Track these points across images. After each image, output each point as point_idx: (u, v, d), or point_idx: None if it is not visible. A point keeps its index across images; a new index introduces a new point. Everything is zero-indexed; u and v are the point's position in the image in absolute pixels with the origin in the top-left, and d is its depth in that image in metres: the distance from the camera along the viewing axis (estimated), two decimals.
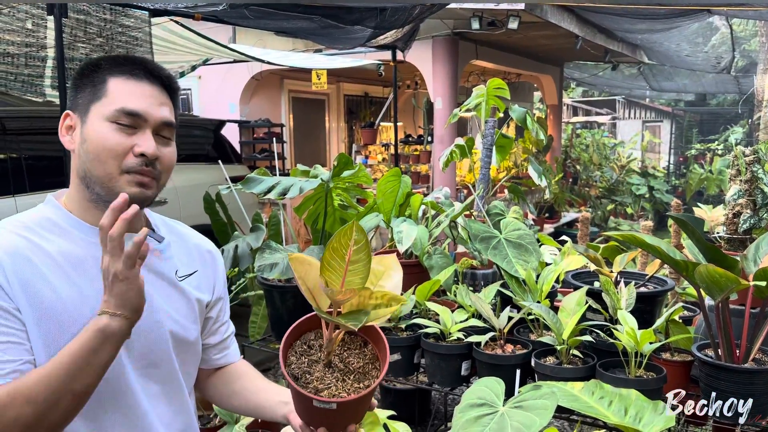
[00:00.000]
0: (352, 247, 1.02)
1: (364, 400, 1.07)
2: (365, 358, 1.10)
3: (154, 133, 1.11)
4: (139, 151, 1.07)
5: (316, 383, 1.05)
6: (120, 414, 1.10)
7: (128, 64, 1.12)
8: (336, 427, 1.09)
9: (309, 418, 1.09)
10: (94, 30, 3.71)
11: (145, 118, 1.09)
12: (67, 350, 0.98)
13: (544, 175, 3.06)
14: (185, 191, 4.87)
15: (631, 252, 2.19)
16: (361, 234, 1.02)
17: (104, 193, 1.08)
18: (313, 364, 1.07)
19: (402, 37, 5.36)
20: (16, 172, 4.12)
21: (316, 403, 1.03)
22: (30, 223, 1.10)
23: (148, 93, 1.11)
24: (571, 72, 11.51)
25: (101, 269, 0.99)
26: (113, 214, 0.98)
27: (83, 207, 1.13)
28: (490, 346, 1.96)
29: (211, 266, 1.30)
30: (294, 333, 1.12)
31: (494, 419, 1.36)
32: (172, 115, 1.15)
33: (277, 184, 2.25)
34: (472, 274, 2.58)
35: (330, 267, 1.02)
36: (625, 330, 1.70)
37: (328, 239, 2.67)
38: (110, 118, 1.07)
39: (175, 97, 1.18)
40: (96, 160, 1.07)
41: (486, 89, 2.93)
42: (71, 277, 1.07)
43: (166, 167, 1.13)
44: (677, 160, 15.25)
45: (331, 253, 1.02)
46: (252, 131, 8.45)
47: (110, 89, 1.09)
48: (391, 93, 9.35)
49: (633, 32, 7.25)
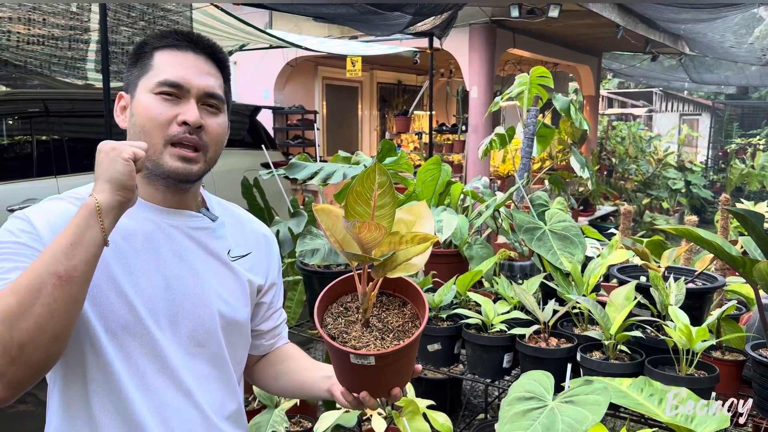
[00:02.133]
0: (377, 190, 0.96)
1: (404, 357, 1.02)
2: (404, 317, 1.05)
3: (200, 104, 1.09)
4: (181, 120, 1.06)
5: (354, 342, 1.01)
6: (160, 393, 1.08)
7: (172, 36, 1.11)
8: (378, 390, 1.05)
9: (349, 381, 1.06)
10: (137, 14, 3.74)
11: (187, 87, 1.08)
12: (55, 238, 0.94)
13: (587, 166, 2.99)
14: (221, 176, 4.89)
15: (681, 247, 2.13)
16: (384, 176, 0.96)
17: (152, 166, 1.08)
18: (350, 324, 1.04)
19: (440, 24, 5.31)
20: (58, 154, 4.20)
21: (354, 359, 0.98)
22: (86, 197, 1.09)
23: (191, 63, 1.10)
24: (608, 63, 11.27)
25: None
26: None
27: (136, 181, 1.12)
28: (533, 339, 1.92)
29: (266, 250, 1.28)
30: (330, 294, 1.08)
31: (544, 413, 1.33)
32: (217, 85, 1.12)
33: (320, 170, 2.23)
34: (509, 266, 2.54)
35: (355, 212, 0.97)
36: (677, 327, 1.65)
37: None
38: (154, 89, 1.07)
39: (223, 69, 1.16)
40: (142, 132, 1.07)
41: (529, 78, 2.87)
42: (120, 248, 1.07)
43: (213, 138, 1.11)
44: (716, 155, 14.86)
45: (355, 197, 0.96)
46: (286, 118, 8.48)
47: (155, 62, 1.09)
48: (425, 81, 9.29)
49: (676, 22, 7.06)
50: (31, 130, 4.13)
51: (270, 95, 8.50)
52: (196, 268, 1.13)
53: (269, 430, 2.09)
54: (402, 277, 1.07)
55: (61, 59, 4.11)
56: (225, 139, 1.17)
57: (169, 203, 1.13)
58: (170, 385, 1.09)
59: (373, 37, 7.09)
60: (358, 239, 0.96)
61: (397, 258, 0.98)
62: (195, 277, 1.13)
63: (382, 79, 10.50)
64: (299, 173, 2.25)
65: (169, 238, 1.12)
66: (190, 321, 1.11)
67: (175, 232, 1.13)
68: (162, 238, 1.11)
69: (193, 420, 1.11)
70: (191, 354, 1.12)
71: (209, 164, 1.13)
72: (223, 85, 1.15)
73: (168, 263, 1.10)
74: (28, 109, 4.15)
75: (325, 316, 1.06)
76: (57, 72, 4.37)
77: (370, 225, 0.94)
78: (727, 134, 15.45)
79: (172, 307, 1.10)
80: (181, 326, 1.11)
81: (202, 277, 1.13)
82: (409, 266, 1.01)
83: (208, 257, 1.15)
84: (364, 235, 0.95)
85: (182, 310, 1.10)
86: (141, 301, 1.07)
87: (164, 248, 1.11)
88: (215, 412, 1.15)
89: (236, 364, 1.22)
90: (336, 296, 1.09)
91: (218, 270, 1.16)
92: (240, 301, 1.19)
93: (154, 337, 1.08)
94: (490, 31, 7.25)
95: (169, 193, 1.13)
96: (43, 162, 4.11)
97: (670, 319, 1.75)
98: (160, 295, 1.09)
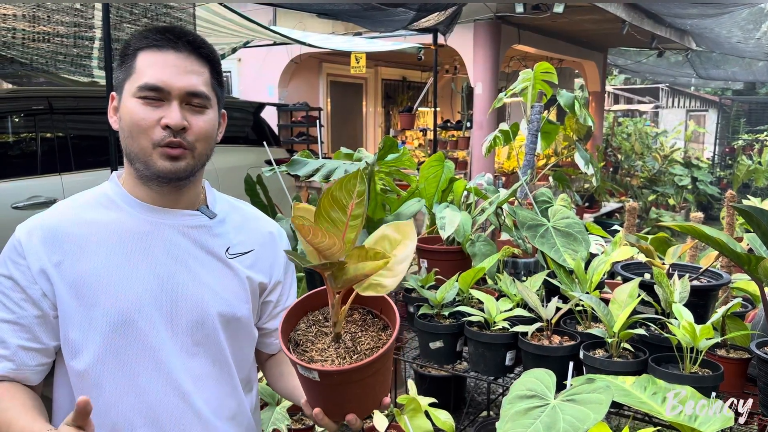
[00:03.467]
0: (355, 199, 0.92)
1: (356, 381, 0.95)
2: (379, 341, 0.99)
3: (184, 103, 1.08)
4: (164, 123, 1.06)
5: (314, 353, 0.96)
6: (151, 393, 1.08)
7: (152, 35, 1.09)
8: (331, 410, 0.99)
9: (306, 393, 1.02)
10: (140, 11, 3.74)
11: (167, 90, 1.07)
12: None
13: (592, 162, 2.97)
14: (224, 173, 4.91)
15: (685, 244, 2.11)
16: (363, 186, 0.92)
17: (143, 168, 1.09)
18: (321, 335, 1.00)
19: (444, 20, 5.29)
20: (62, 151, 4.20)
21: (300, 369, 0.95)
22: (89, 199, 1.15)
23: (171, 63, 1.07)
24: (614, 59, 11.21)
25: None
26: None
27: (132, 183, 1.14)
28: (536, 337, 1.91)
29: (270, 248, 1.26)
30: (311, 299, 1.05)
31: (545, 412, 1.32)
32: (201, 81, 1.10)
33: (321, 167, 2.23)
34: (513, 263, 2.53)
35: (328, 218, 0.92)
36: (681, 324, 1.64)
37: (369, 224, 2.65)
38: (136, 94, 1.07)
39: (211, 62, 1.13)
40: (130, 137, 1.08)
41: (533, 73, 2.85)
42: (113, 248, 1.09)
43: (198, 136, 1.10)
44: (723, 151, 14.77)
45: (330, 202, 0.92)
46: (290, 115, 8.48)
47: (138, 65, 1.08)
48: (430, 77, 9.26)
49: (683, 17, 7.01)
50: (35, 128, 4.13)
51: (274, 92, 8.50)
52: (191, 266, 1.13)
53: (270, 427, 2.09)
54: (385, 299, 1.03)
55: (66, 56, 4.12)
56: (215, 133, 1.15)
57: (164, 202, 1.13)
58: (164, 386, 1.09)
59: (378, 34, 7.07)
60: (311, 243, 0.92)
61: (348, 271, 0.94)
62: (190, 275, 1.12)
63: (386, 76, 10.48)
64: (301, 170, 2.24)
65: (164, 237, 1.12)
66: (187, 320, 1.11)
67: (170, 232, 1.13)
68: (157, 237, 1.11)
69: (187, 420, 1.11)
70: (190, 353, 1.12)
71: (198, 160, 1.11)
72: (210, 79, 1.12)
73: (161, 263, 1.10)
74: (33, 107, 4.16)
75: (302, 321, 1.04)
76: (63, 69, 4.38)
77: (316, 230, 0.90)
78: (734, 130, 15.36)
79: (167, 306, 1.10)
80: (178, 326, 1.10)
81: (198, 276, 1.13)
82: (378, 287, 0.97)
83: (204, 255, 1.15)
84: (311, 239, 0.91)
85: (178, 309, 1.10)
86: (132, 301, 1.07)
87: (158, 248, 1.11)
88: (214, 412, 1.14)
89: (240, 363, 1.21)
90: (322, 303, 1.06)
91: (215, 268, 1.16)
92: (239, 299, 1.18)
93: (146, 337, 1.08)
94: (494, 27, 7.21)
95: (163, 193, 1.13)
96: (48, 159, 4.11)
97: (674, 317, 1.74)
98: (153, 295, 1.09)
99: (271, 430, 2.09)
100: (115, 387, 1.07)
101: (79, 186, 1.19)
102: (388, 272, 0.97)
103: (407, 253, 0.99)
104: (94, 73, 4.42)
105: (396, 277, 0.97)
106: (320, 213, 0.93)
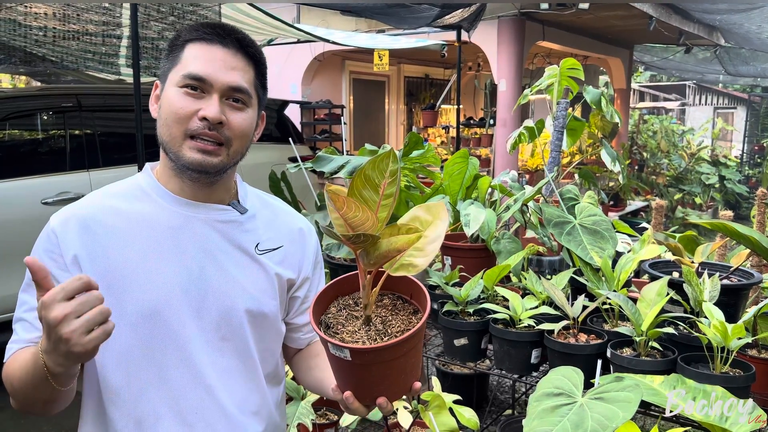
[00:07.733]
0: (387, 178, 0.91)
1: (387, 361, 0.95)
2: (410, 324, 0.99)
3: (225, 98, 1.08)
4: (202, 115, 1.06)
5: (345, 335, 0.96)
6: (178, 386, 1.09)
7: (203, 28, 1.10)
8: (362, 393, 0.99)
9: (336, 376, 1.03)
10: (167, 9, 3.78)
11: (210, 82, 1.07)
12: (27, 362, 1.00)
13: (618, 160, 2.94)
14: (249, 169, 4.92)
15: (715, 242, 2.08)
16: (396, 165, 0.91)
17: (175, 158, 1.09)
18: (351, 318, 1.01)
19: (468, 17, 5.26)
20: (90, 148, 4.27)
21: (332, 348, 0.95)
22: (122, 189, 1.16)
23: (218, 57, 1.08)
24: (640, 55, 11.05)
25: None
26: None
27: (167, 175, 1.14)
28: (562, 335, 1.90)
29: (300, 244, 1.25)
30: (342, 284, 1.05)
31: (573, 410, 1.31)
32: (245, 79, 1.10)
33: (346, 163, 2.23)
34: (538, 261, 2.51)
35: (361, 197, 0.92)
36: (712, 324, 1.61)
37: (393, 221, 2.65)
38: (179, 83, 1.07)
39: (256, 63, 1.13)
40: (164, 125, 1.08)
41: (559, 70, 2.82)
42: (144, 240, 1.10)
43: (236, 133, 1.10)
44: (752, 149, 14.48)
45: (363, 181, 0.91)
46: (313, 112, 8.51)
47: (185, 55, 1.09)
48: (453, 74, 9.23)
49: (712, 12, 6.88)
50: (64, 125, 4.20)
51: (298, 90, 8.54)
52: (220, 261, 1.13)
53: (296, 421, 2.10)
54: (416, 283, 1.03)
55: (95, 54, 4.18)
56: (251, 133, 1.15)
57: (197, 196, 1.14)
58: (190, 379, 1.10)
59: (401, 31, 7.06)
60: (344, 217, 0.91)
61: (380, 246, 0.93)
62: (219, 270, 1.13)
63: (409, 73, 10.46)
64: (326, 166, 2.25)
65: (195, 231, 1.13)
66: (215, 314, 1.12)
67: (201, 225, 1.13)
68: (188, 231, 1.12)
69: (211, 414, 1.12)
70: (216, 347, 1.12)
71: (232, 157, 1.12)
72: (254, 79, 1.13)
73: (191, 256, 1.11)
74: (62, 104, 4.23)
75: (332, 305, 1.04)
76: (91, 67, 4.45)
77: (350, 202, 0.89)
78: (764, 128, 15.05)
79: (196, 300, 1.10)
80: (206, 320, 1.11)
81: (227, 271, 1.13)
82: (410, 266, 0.96)
83: (234, 250, 1.16)
84: (345, 212, 0.90)
85: (206, 303, 1.11)
86: (161, 293, 1.08)
87: (188, 241, 1.12)
88: (237, 406, 1.15)
89: (265, 358, 1.21)
90: (352, 289, 1.07)
91: (245, 263, 1.16)
92: (267, 294, 1.19)
93: (174, 330, 1.09)
94: (519, 23, 7.16)
95: (196, 187, 1.13)
96: (76, 156, 4.18)
97: (704, 316, 1.71)
98: (182, 288, 1.10)
99: (296, 424, 2.10)
100: (142, 378, 1.08)
101: (106, 182, 1.20)
102: (418, 252, 0.96)
103: (439, 233, 0.97)
104: (121, 71, 4.48)
105: (427, 257, 0.95)
106: (353, 192, 0.92)
